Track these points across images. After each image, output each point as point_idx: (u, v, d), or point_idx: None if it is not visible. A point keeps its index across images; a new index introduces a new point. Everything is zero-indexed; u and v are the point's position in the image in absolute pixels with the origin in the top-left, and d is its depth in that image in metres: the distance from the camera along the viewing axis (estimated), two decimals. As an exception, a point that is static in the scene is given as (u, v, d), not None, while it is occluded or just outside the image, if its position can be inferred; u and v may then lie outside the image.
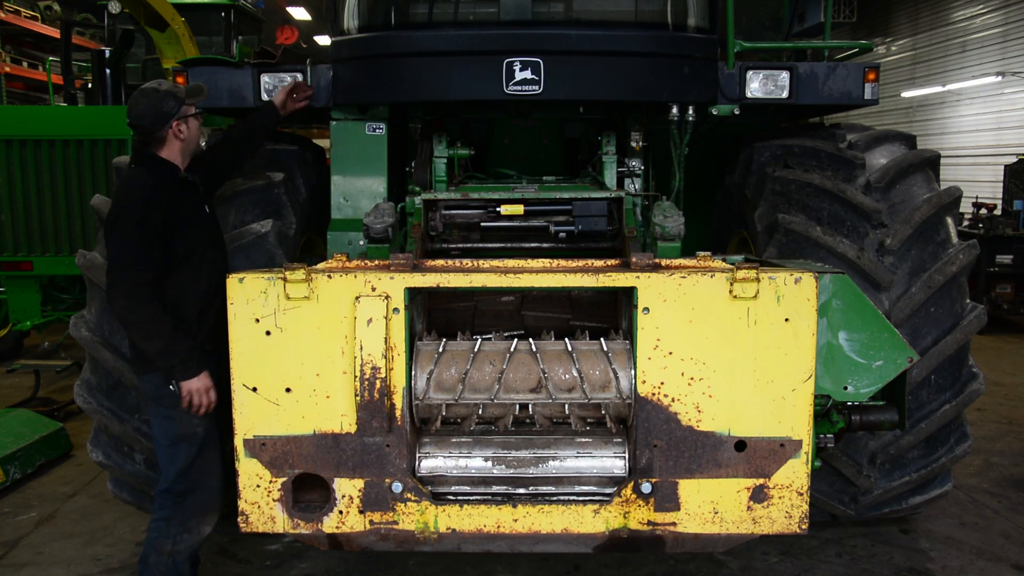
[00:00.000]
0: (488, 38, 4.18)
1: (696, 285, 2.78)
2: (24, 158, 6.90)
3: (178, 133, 3.33)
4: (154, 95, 3.30)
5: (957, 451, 4.09)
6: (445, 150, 4.72)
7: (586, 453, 3.01)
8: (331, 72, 4.47)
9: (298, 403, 2.87)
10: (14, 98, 14.85)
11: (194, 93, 3.41)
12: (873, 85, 4.51)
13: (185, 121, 3.34)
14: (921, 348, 3.84)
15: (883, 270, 3.91)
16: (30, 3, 16.08)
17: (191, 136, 3.38)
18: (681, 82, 4.29)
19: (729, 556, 4.21)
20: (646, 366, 2.83)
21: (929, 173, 4.37)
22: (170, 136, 3.32)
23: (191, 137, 3.38)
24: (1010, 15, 15.27)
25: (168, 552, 3.35)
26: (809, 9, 13.93)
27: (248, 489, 2.93)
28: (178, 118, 3.31)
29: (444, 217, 3.96)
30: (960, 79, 16.69)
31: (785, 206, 4.19)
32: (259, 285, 2.82)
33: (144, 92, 3.33)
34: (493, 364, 2.97)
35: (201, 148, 3.49)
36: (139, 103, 3.30)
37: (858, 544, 4.38)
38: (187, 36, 7.75)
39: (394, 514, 2.93)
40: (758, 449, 2.85)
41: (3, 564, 4.20)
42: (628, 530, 2.92)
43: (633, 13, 4.90)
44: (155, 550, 3.36)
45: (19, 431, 5.52)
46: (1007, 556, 4.30)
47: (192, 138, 3.39)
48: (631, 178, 4.73)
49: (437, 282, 2.87)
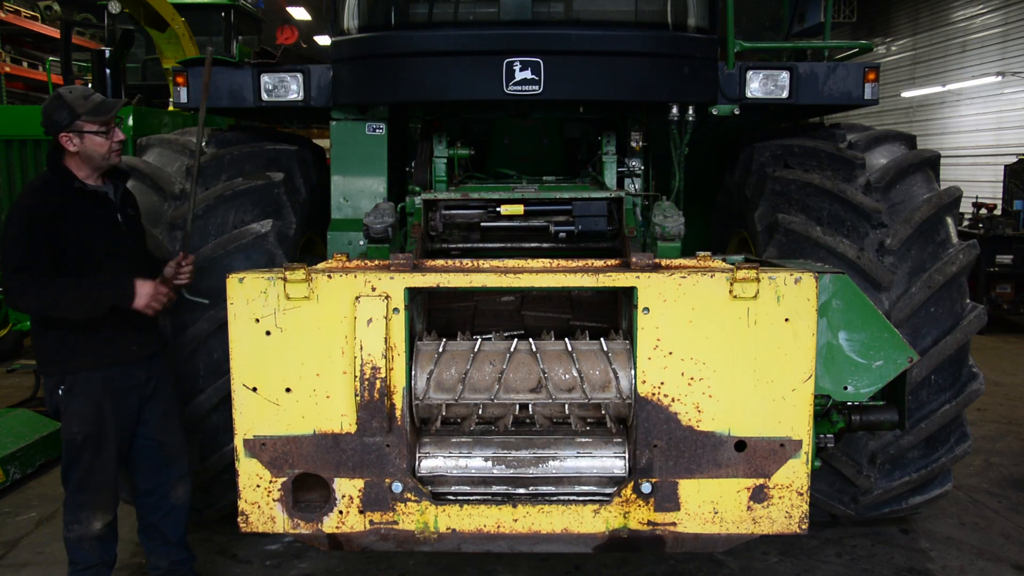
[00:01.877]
0: (488, 38, 4.18)
1: (696, 285, 2.78)
2: (24, 158, 6.90)
3: (67, 144, 3.31)
4: (54, 102, 3.31)
5: (957, 451, 4.09)
6: (445, 150, 4.72)
7: (586, 453, 3.01)
8: (331, 72, 4.46)
9: (298, 403, 2.87)
10: (14, 98, 14.83)
11: (97, 111, 3.31)
12: (873, 85, 4.51)
13: (79, 135, 3.30)
14: (921, 348, 3.84)
15: (883, 270, 3.91)
16: (30, 3, 16.07)
17: (86, 150, 3.32)
18: (681, 82, 4.29)
19: (729, 556, 4.21)
20: (646, 366, 2.83)
21: (929, 173, 4.37)
22: (64, 143, 3.31)
23: (87, 151, 3.32)
24: (1010, 15, 15.28)
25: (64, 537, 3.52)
26: (809, 9, 13.95)
27: (248, 489, 2.93)
28: (69, 131, 3.29)
29: (444, 217, 3.96)
30: (960, 79, 16.69)
31: (785, 206, 4.19)
32: (259, 285, 2.82)
33: (52, 96, 3.35)
34: (493, 364, 2.97)
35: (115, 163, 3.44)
36: (44, 104, 3.36)
37: (858, 544, 4.38)
38: (187, 36, 7.76)
39: (394, 514, 2.93)
40: (758, 449, 2.85)
41: (3, 564, 4.20)
42: (628, 530, 2.92)
43: (633, 13, 4.90)
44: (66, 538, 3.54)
45: (19, 431, 5.52)
46: (1007, 556, 4.30)
47: (89, 153, 3.32)
48: (631, 178, 4.73)
49: (437, 282, 2.87)
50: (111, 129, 3.38)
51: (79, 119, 3.28)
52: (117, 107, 3.42)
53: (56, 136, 3.31)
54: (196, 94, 4.47)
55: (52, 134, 3.32)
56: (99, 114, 3.32)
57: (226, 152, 4.50)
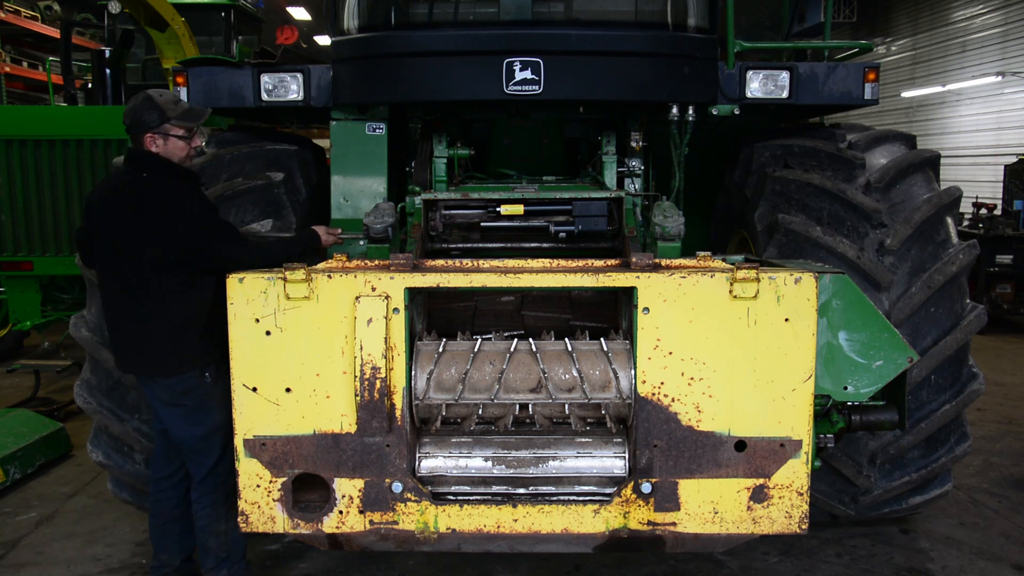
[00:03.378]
0: (488, 38, 4.18)
1: (696, 285, 2.78)
2: (24, 158, 6.89)
3: (150, 145, 3.36)
4: (144, 102, 3.35)
5: (957, 451, 4.09)
6: (445, 150, 4.72)
7: (586, 453, 3.01)
8: (331, 72, 4.47)
9: (298, 403, 2.87)
10: (14, 98, 14.83)
11: (186, 117, 3.39)
12: (873, 85, 4.51)
13: (164, 137, 3.35)
14: (921, 348, 3.84)
15: (883, 270, 3.91)
16: (30, 3, 16.07)
17: (168, 152, 3.38)
18: (681, 82, 4.29)
19: (729, 556, 4.21)
20: (646, 366, 2.83)
21: (929, 173, 4.37)
22: (147, 142, 3.35)
23: (167, 153, 3.38)
24: (1010, 15, 15.28)
25: (223, 532, 3.52)
26: (809, 9, 13.95)
27: (248, 489, 2.93)
28: (156, 132, 3.34)
29: (444, 217, 3.96)
30: (960, 79, 16.69)
31: (785, 206, 4.19)
32: (259, 285, 2.82)
33: (142, 96, 3.38)
34: (493, 364, 2.97)
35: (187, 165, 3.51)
36: (130, 102, 3.39)
37: (858, 544, 4.38)
38: (187, 36, 7.75)
39: (394, 514, 2.93)
40: (758, 449, 2.85)
41: (3, 564, 4.20)
42: (628, 530, 2.92)
43: (633, 13, 4.90)
44: (211, 534, 3.51)
45: (19, 431, 5.51)
46: (1007, 556, 4.30)
47: (169, 154, 3.38)
48: (631, 178, 4.73)
49: (437, 282, 2.87)
50: (192, 135, 3.46)
51: (168, 122, 3.34)
52: (205, 115, 3.52)
53: (139, 135, 3.35)
54: (197, 95, 4.48)
55: (136, 133, 3.35)
56: (188, 120, 3.40)
57: (226, 152, 4.50)
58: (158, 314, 3.30)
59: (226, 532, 3.52)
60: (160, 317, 3.30)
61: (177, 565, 3.70)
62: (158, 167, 3.35)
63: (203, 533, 3.52)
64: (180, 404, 3.38)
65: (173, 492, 3.63)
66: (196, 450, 3.45)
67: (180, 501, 3.63)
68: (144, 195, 3.29)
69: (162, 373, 3.35)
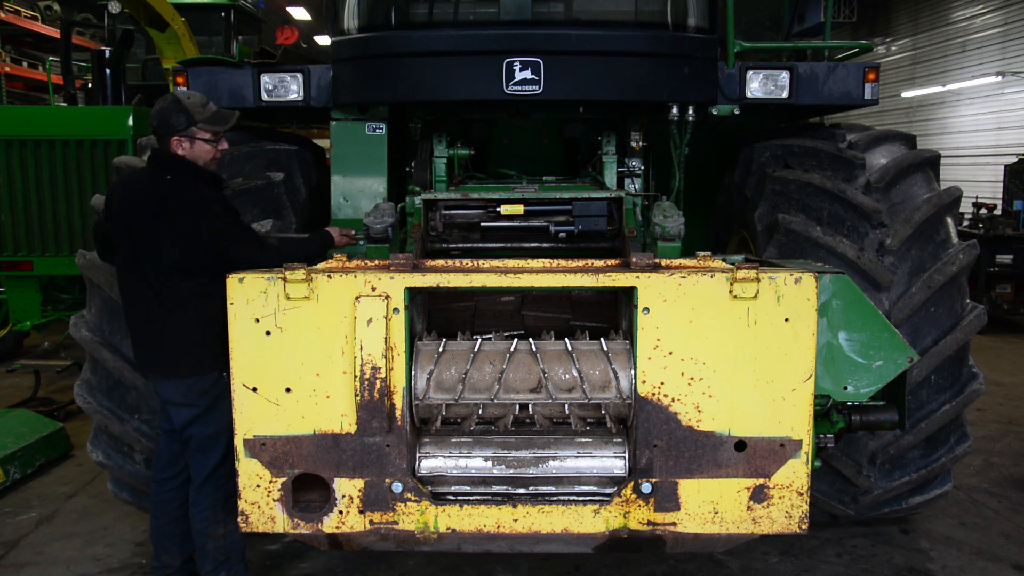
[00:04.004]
0: (488, 38, 4.18)
1: (696, 285, 2.78)
2: (24, 158, 6.89)
3: (176, 147, 3.36)
4: (172, 105, 3.34)
5: (957, 451, 4.09)
6: (445, 150, 4.72)
7: (586, 453, 3.01)
8: (331, 72, 4.47)
9: (298, 403, 2.87)
10: (14, 98, 14.83)
11: (213, 120, 3.39)
12: (873, 85, 4.51)
13: (191, 140, 3.36)
14: (921, 348, 3.84)
15: (883, 270, 3.91)
16: (30, 3, 16.07)
17: (194, 155, 3.38)
18: (681, 82, 4.29)
19: (729, 556, 4.21)
20: (646, 366, 2.83)
21: (929, 173, 4.37)
22: (173, 145, 3.36)
23: (193, 156, 3.38)
24: (1010, 15, 15.28)
25: (222, 535, 3.49)
26: (809, 9, 13.94)
27: (248, 489, 2.93)
28: (182, 135, 3.34)
29: (444, 217, 3.96)
30: (960, 79, 16.69)
31: (785, 206, 4.19)
32: (259, 285, 2.82)
33: (169, 98, 3.38)
34: (493, 364, 2.97)
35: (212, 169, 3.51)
36: (157, 103, 3.37)
37: (858, 544, 4.38)
38: (187, 36, 7.75)
39: (394, 514, 2.93)
40: (758, 449, 2.85)
41: (3, 564, 4.20)
42: (628, 530, 2.92)
43: (633, 13, 4.90)
44: (210, 536, 3.48)
45: (19, 431, 5.51)
46: (1007, 556, 4.30)
47: (195, 157, 3.39)
48: (631, 178, 4.74)
49: (437, 282, 2.87)
50: (219, 138, 3.45)
51: (195, 125, 3.33)
52: (234, 119, 3.50)
53: (166, 137, 3.34)
54: None
55: (163, 135, 3.35)
56: (216, 123, 3.39)
57: (226, 152, 4.49)
58: (179, 315, 3.30)
59: (225, 535, 3.51)
60: (181, 319, 3.30)
61: (178, 566, 3.69)
62: (183, 170, 3.35)
63: (201, 536, 3.51)
64: (195, 405, 3.37)
65: (176, 493, 3.63)
66: (201, 450, 3.44)
67: (183, 502, 3.62)
68: (167, 198, 3.28)
69: (182, 374, 3.35)
